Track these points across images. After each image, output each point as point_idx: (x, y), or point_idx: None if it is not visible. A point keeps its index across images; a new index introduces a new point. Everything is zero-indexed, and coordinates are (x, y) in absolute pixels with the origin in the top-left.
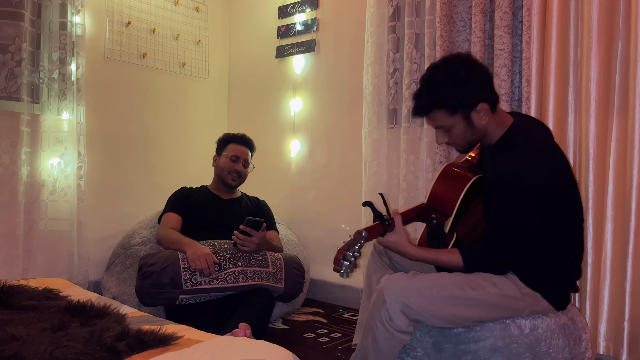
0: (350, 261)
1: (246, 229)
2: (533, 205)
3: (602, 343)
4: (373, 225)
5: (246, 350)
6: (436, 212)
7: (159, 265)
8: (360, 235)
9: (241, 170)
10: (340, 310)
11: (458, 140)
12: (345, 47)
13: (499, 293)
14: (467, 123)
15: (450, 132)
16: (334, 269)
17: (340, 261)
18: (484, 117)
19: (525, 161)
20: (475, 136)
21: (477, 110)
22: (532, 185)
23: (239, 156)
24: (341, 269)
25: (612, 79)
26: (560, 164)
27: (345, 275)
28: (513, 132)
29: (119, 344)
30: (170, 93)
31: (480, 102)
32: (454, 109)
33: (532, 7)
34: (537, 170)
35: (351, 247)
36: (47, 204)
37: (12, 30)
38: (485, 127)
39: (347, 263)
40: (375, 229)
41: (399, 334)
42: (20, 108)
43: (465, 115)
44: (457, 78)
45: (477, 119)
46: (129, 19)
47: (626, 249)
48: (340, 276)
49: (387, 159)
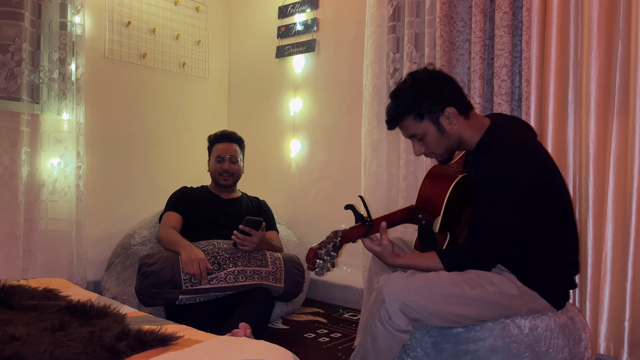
0: (324, 259)
1: (246, 228)
2: (512, 205)
3: (603, 343)
4: (354, 226)
5: (246, 350)
6: (425, 212)
7: (158, 265)
8: (336, 234)
9: (229, 169)
10: (340, 310)
11: (434, 148)
12: (345, 47)
13: (498, 291)
14: (437, 128)
15: (424, 140)
16: (307, 268)
17: (312, 259)
18: (454, 122)
19: (503, 161)
20: (450, 143)
21: (445, 114)
22: (509, 185)
23: (223, 155)
24: (315, 267)
25: (612, 79)
26: (540, 162)
27: (320, 273)
28: (490, 134)
29: (119, 344)
30: (170, 93)
31: (447, 107)
32: (421, 115)
33: (532, 7)
34: (515, 170)
35: (323, 245)
36: (47, 204)
37: (12, 30)
38: (459, 133)
39: (320, 262)
40: (356, 231)
41: (398, 333)
42: (20, 108)
43: (433, 120)
44: (419, 85)
45: (447, 123)
46: (129, 19)
47: (626, 249)
48: (316, 274)
49: (386, 159)
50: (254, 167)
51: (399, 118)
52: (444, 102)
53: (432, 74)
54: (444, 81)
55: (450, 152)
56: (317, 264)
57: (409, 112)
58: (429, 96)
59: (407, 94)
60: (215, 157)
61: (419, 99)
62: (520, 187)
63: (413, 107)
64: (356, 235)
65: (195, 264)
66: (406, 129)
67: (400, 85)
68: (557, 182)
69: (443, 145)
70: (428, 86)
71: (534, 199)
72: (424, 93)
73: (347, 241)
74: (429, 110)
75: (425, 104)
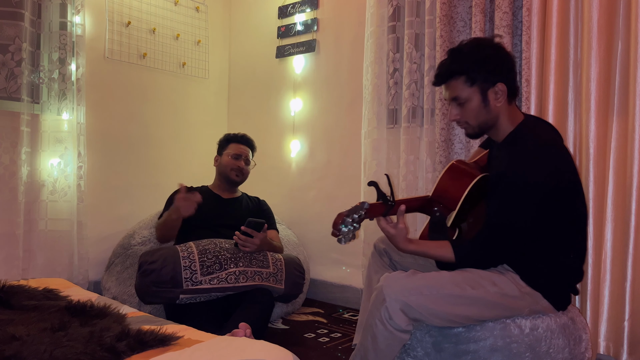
0: (348, 228)
1: (247, 230)
2: (530, 203)
3: (603, 343)
4: (376, 203)
5: (246, 350)
6: (440, 205)
7: (159, 263)
8: (362, 205)
9: (243, 168)
10: (340, 310)
11: (470, 117)
12: (345, 47)
13: (499, 292)
14: (482, 99)
15: (464, 106)
16: (332, 233)
17: (339, 226)
18: (500, 99)
19: (529, 159)
20: (488, 118)
21: (495, 90)
22: (531, 184)
23: (240, 154)
24: (339, 234)
25: (612, 79)
26: (565, 165)
27: (342, 241)
28: (521, 129)
29: (119, 344)
30: (170, 93)
31: (499, 82)
32: (474, 80)
33: (532, 7)
34: (539, 169)
35: (351, 213)
36: (47, 204)
37: (12, 30)
38: (498, 113)
39: (345, 230)
40: (377, 208)
41: (398, 333)
42: (20, 108)
43: (482, 90)
44: (482, 53)
45: (493, 99)
46: (129, 19)
47: (626, 249)
48: (338, 242)
49: (386, 159)
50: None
51: (451, 75)
52: (500, 77)
53: (497, 45)
54: (506, 57)
55: (483, 128)
56: (342, 231)
57: (464, 73)
58: (488, 64)
59: (468, 55)
60: (232, 154)
61: (479, 63)
62: (542, 189)
63: (470, 69)
64: (375, 213)
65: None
66: (453, 88)
67: (462, 45)
68: (577, 188)
69: (481, 118)
70: (491, 55)
71: (554, 201)
72: (484, 60)
73: (368, 216)
74: (484, 78)
75: (482, 71)
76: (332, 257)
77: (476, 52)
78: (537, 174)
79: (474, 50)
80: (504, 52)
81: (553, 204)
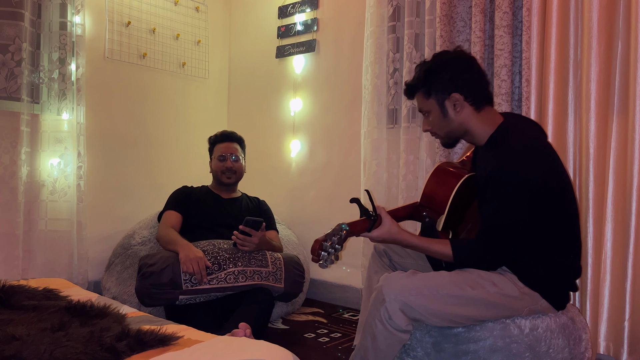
0: (329, 252)
1: (246, 229)
2: (523, 202)
3: (603, 343)
4: (359, 220)
5: (246, 350)
6: (429, 210)
7: (158, 266)
8: (340, 227)
9: (232, 166)
10: (340, 310)
11: (436, 128)
12: (345, 47)
13: (498, 292)
14: (440, 110)
15: (428, 118)
16: (312, 259)
17: (317, 251)
18: (458, 109)
19: (515, 159)
20: (451, 128)
21: (451, 99)
22: (520, 182)
23: (225, 154)
24: (319, 259)
25: (612, 79)
26: (551, 163)
27: (323, 265)
28: (502, 131)
29: (119, 344)
30: (170, 93)
31: (454, 92)
32: (428, 93)
33: (532, 7)
34: (526, 168)
35: (329, 237)
36: (47, 204)
37: (12, 30)
38: (462, 121)
39: (325, 254)
40: (360, 224)
41: (398, 333)
42: (20, 108)
43: (438, 101)
44: (437, 64)
45: (451, 108)
46: (129, 19)
47: (626, 249)
48: (320, 267)
49: (386, 159)
50: (254, 167)
51: (412, 90)
52: (453, 87)
53: (457, 56)
54: (465, 67)
55: (452, 137)
56: (322, 256)
57: (420, 87)
58: (440, 77)
59: (423, 69)
60: (217, 156)
61: (430, 77)
62: (531, 185)
63: (423, 82)
64: (360, 229)
65: (195, 263)
66: (417, 101)
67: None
68: (565, 185)
69: (444, 129)
70: (445, 67)
71: (543, 199)
72: (436, 72)
73: (351, 234)
74: (436, 90)
75: (435, 84)
76: None
77: (430, 65)
78: (524, 171)
79: (428, 64)
80: (461, 61)
81: (542, 201)
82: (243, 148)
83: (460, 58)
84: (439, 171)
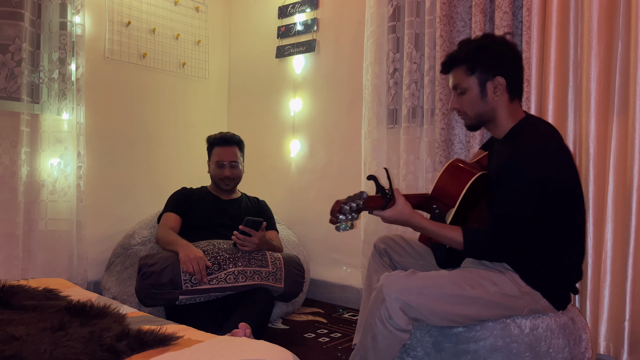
0: (346, 216)
1: (246, 229)
2: (535, 196)
3: (603, 343)
4: (374, 196)
5: (246, 350)
6: (440, 202)
7: (158, 266)
8: (361, 195)
9: (230, 175)
10: (340, 310)
11: (467, 107)
12: (345, 47)
13: (499, 291)
14: (480, 90)
15: (463, 96)
16: (330, 221)
17: (336, 213)
18: (498, 93)
19: (533, 153)
20: (485, 110)
21: (494, 82)
22: (536, 176)
23: (224, 161)
24: (337, 222)
25: (612, 79)
26: (567, 162)
27: (340, 229)
28: (523, 125)
29: (119, 344)
30: (170, 93)
31: (499, 76)
32: (473, 70)
33: (532, 7)
34: (543, 163)
35: (349, 201)
36: (46, 204)
37: (12, 30)
38: (496, 107)
39: (343, 217)
40: (375, 200)
41: (398, 332)
42: (20, 108)
43: (480, 81)
44: (487, 45)
45: (492, 91)
46: (129, 19)
47: (626, 249)
48: (336, 229)
49: (387, 159)
50: (254, 167)
51: (454, 63)
52: (499, 70)
53: (505, 41)
54: (511, 53)
55: (480, 120)
56: (340, 219)
57: (465, 62)
58: (489, 56)
59: (473, 45)
60: (215, 162)
61: (480, 54)
62: (545, 181)
63: (471, 58)
64: (374, 206)
65: (195, 262)
66: (455, 76)
67: (470, 38)
68: (577, 186)
69: (477, 109)
70: (494, 48)
71: (554, 196)
72: (487, 52)
73: (365, 208)
74: (483, 69)
75: (482, 62)
76: (332, 257)
77: (481, 44)
78: (539, 165)
79: (479, 42)
80: (510, 48)
81: (555, 200)
82: (242, 150)
83: (511, 44)
84: (453, 166)
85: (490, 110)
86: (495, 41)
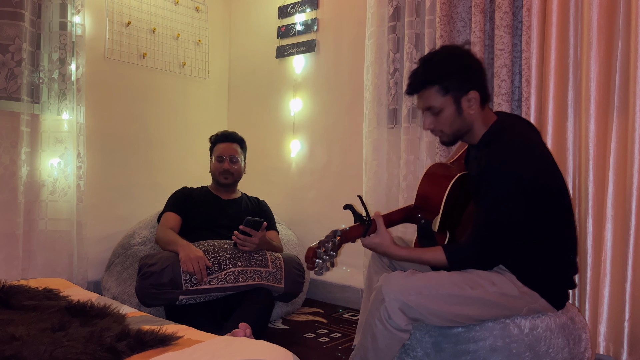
0: (323, 259)
1: (246, 229)
2: (516, 200)
3: (602, 343)
4: (353, 226)
5: (246, 350)
6: (424, 211)
7: (159, 266)
8: (334, 233)
9: (229, 168)
10: (340, 310)
11: (444, 126)
12: (345, 47)
13: (498, 292)
14: (456, 108)
15: (438, 115)
16: (306, 267)
17: (311, 259)
18: (473, 106)
19: (508, 157)
20: (462, 126)
21: (468, 97)
22: (514, 181)
23: (224, 155)
24: (314, 267)
25: (612, 79)
26: (543, 163)
27: (319, 272)
28: (496, 129)
29: (119, 344)
30: (170, 93)
31: (472, 90)
32: (447, 89)
33: (532, 7)
34: (519, 167)
35: (322, 244)
36: (47, 204)
37: (12, 30)
38: (472, 120)
39: (319, 261)
40: (355, 230)
41: (398, 333)
42: (20, 108)
43: (455, 99)
44: (454, 61)
45: (467, 106)
46: (129, 19)
47: (626, 249)
48: (315, 274)
49: (387, 159)
50: (254, 167)
51: (424, 85)
52: (472, 84)
53: (468, 53)
54: (477, 65)
55: (457, 136)
56: (317, 264)
57: (436, 83)
58: (461, 73)
59: (440, 64)
60: (216, 156)
61: (452, 72)
62: (524, 184)
63: (442, 78)
64: (355, 235)
65: (195, 262)
66: (426, 99)
67: (433, 53)
68: (558, 183)
69: (455, 126)
70: (462, 64)
71: (536, 198)
72: (457, 69)
73: (346, 241)
74: (457, 87)
75: (455, 80)
76: None
77: (448, 61)
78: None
79: (445, 59)
80: (474, 59)
81: (536, 200)
82: (244, 149)
83: (472, 54)
84: (431, 172)
85: (468, 124)
86: (460, 55)
